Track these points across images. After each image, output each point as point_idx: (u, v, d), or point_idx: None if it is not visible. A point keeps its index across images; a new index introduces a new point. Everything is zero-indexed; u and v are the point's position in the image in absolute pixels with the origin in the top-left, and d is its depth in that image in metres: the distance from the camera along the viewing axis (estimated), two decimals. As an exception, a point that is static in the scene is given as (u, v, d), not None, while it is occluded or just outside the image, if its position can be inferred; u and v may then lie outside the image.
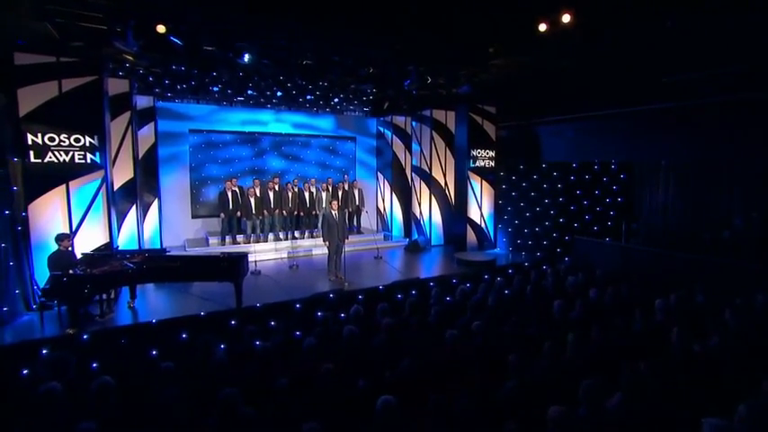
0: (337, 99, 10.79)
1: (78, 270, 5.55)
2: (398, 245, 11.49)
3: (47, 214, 6.40)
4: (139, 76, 8.09)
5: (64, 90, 6.46)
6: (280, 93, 9.60)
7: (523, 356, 3.44)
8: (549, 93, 9.23)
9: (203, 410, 2.91)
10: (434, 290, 5.91)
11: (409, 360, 3.48)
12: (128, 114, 7.92)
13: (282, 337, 4.62)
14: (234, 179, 10.14)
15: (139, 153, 8.71)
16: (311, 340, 4.05)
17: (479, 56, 6.96)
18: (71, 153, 6.55)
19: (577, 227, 9.73)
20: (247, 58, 6.53)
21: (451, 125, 11.34)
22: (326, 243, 8.11)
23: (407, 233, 12.18)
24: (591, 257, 8.46)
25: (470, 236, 11.15)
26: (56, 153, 6.44)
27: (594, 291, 5.53)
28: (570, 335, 3.86)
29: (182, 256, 7.73)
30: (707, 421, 2.28)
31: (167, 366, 3.53)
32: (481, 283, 6.51)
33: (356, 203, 11.50)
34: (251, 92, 9.72)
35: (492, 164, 11.27)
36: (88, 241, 6.66)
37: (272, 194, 10.15)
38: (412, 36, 6.36)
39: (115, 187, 7.59)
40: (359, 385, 3.31)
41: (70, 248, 6.02)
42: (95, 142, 6.71)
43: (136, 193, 8.15)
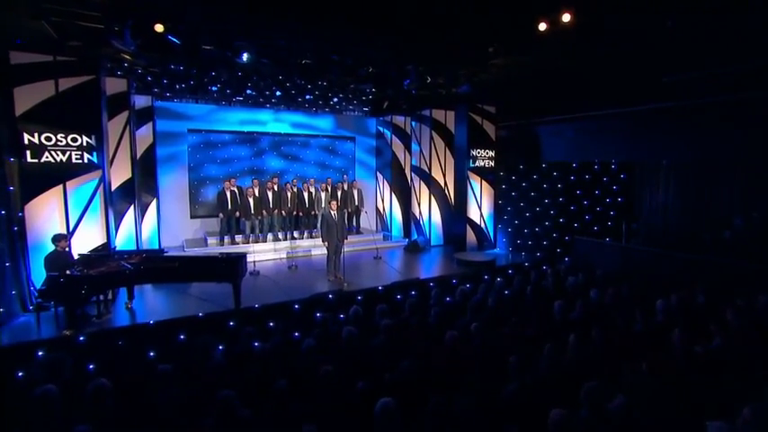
0: (336, 99, 10.75)
1: (75, 271, 5.53)
2: (398, 245, 11.46)
3: (44, 214, 6.37)
4: (137, 75, 8.05)
5: (61, 89, 6.44)
6: (279, 92, 9.56)
7: (524, 357, 3.42)
8: (548, 93, 9.21)
9: (201, 412, 2.88)
10: (434, 290, 5.89)
11: (409, 361, 3.45)
12: (126, 114, 7.88)
13: (281, 338, 4.58)
14: (233, 179, 10.11)
15: (137, 153, 8.69)
16: (310, 341, 4.03)
17: (479, 55, 6.93)
18: (68, 153, 6.53)
19: (577, 227, 9.72)
20: (246, 57, 6.49)
21: (451, 125, 11.32)
22: (325, 243, 8.09)
23: (407, 233, 12.16)
24: (591, 258, 8.45)
25: (470, 236, 11.14)
26: (53, 153, 6.41)
27: (595, 291, 5.52)
28: (571, 336, 3.84)
29: (180, 256, 7.71)
30: (711, 425, 2.25)
31: (165, 368, 3.50)
32: (481, 284, 6.50)
33: (355, 203, 11.47)
34: (250, 91, 9.68)
35: (492, 164, 11.26)
36: (85, 242, 6.64)
37: (270, 194, 10.12)
38: (412, 36, 6.34)
39: (113, 187, 7.55)
40: (358, 387, 3.28)
41: (67, 249, 6.00)
42: (93, 142, 6.68)
43: (134, 193, 8.13)
